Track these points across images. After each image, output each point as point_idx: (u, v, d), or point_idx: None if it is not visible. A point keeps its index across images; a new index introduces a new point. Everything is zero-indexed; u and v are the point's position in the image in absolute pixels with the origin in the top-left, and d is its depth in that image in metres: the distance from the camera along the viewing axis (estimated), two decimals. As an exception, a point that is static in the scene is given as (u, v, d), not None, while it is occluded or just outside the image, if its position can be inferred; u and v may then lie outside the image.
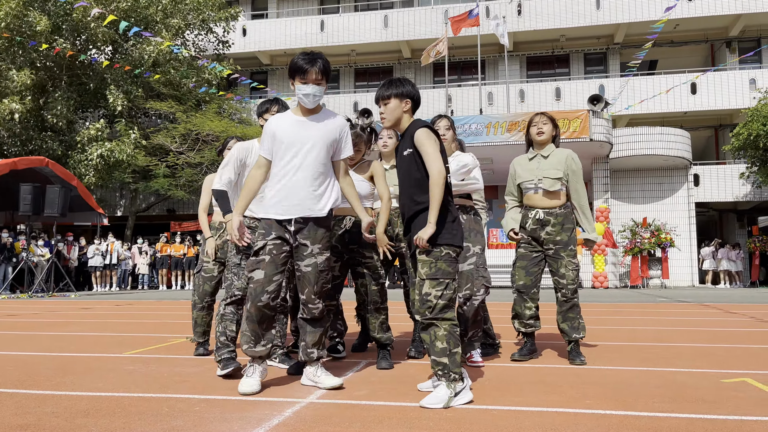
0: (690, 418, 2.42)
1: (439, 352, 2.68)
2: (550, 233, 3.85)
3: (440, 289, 2.73)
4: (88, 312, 8.66)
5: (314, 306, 3.08)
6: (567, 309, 3.84)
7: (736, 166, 22.47)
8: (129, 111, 22.07)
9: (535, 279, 3.94)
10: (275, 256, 3.01)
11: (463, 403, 2.63)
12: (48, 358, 4.15)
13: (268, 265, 2.99)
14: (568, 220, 3.87)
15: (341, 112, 25.48)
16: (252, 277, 2.99)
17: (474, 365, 3.65)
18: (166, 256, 19.45)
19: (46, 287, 14.70)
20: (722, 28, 25.15)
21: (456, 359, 2.68)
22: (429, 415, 2.48)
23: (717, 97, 23.53)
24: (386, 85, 2.98)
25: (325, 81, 3.10)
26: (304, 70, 3.04)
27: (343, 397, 2.84)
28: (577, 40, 26.14)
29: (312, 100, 3.07)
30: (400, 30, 26.00)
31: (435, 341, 2.69)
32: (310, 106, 3.09)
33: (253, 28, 27.24)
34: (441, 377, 2.67)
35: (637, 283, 17.62)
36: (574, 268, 3.83)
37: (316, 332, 3.12)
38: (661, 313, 7.90)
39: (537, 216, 3.89)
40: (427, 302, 2.72)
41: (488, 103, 24.77)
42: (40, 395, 2.93)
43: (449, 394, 2.61)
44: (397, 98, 2.95)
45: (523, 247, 3.98)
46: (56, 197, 14.04)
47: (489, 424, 2.33)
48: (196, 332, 4.32)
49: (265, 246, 3.03)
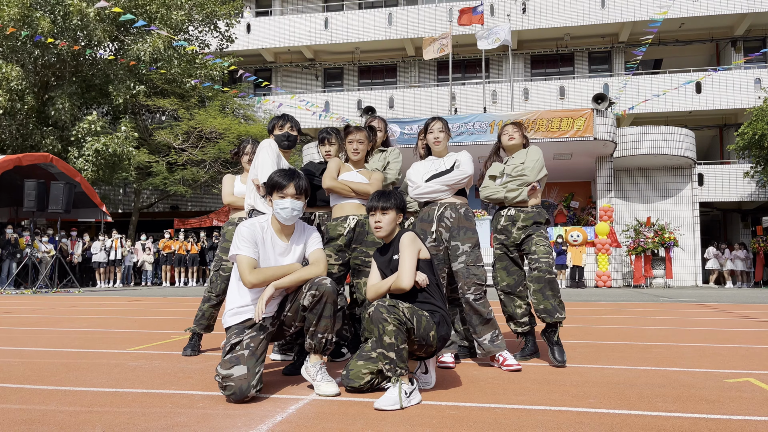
0: (693, 417, 2.42)
1: (387, 346, 2.69)
2: (521, 228, 3.90)
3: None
4: (92, 308, 8.69)
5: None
6: (544, 285, 3.69)
7: (741, 165, 22.40)
8: (131, 108, 22.10)
9: (519, 277, 3.95)
10: (254, 349, 2.89)
11: (414, 404, 2.63)
12: (53, 354, 4.16)
13: (248, 359, 2.83)
14: (540, 216, 3.93)
15: (345, 109, 25.49)
16: (231, 375, 2.75)
17: (444, 366, 3.60)
18: (170, 253, 19.50)
19: (50, 283, 14.75)
20: (727, 27, 25.07)
21: (403, 355, 2.71)
22: (431, 413, 2.48)
23: (722, 97, 23.45)
24: (385, 197, 3.09)
25: (304, 198, 3.10)
26: (281, 186, 3.04)
27: (346, 395, 2.85)
28: (582, 38, 26.07)
29: (289, 215, 3.03)
30: (405, 28, 25.97)
31: (383, 336, 2.70)
32: (288, 222, 3.06)
33: (257, 25, 27.25)
34: (388, 371, 2.69)
35: (641, 283, 17.59)
36: (547, 245, 3.80)
37: (328, 318, 2.96)
38: (663, 312, 7.89)
39: (509, 212, 3.97)
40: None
41: (492, 101, 24.74)
42: (45, 390, 2.94)
43: (400, 394, 2.61)
44: (395, 210, 3.09)
45: (498, 248, 4.01)
46: (60, 193, 14.09)
47: (491, 422, 2.34)
48: (200, 324, 4.31)
49: (241, 341, 2.92)
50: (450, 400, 2.72)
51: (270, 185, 3.10)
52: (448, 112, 24.04)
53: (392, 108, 25.51)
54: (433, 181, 3.80)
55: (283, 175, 3.09)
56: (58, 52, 19.11)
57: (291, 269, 3.05)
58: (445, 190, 3.80)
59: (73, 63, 20.24)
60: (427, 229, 3.82)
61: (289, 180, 3.07)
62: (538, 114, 17.50)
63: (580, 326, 6.02)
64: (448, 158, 3.89)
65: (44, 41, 18.05)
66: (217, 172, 22.82)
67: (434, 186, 3.79)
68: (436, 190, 3.80)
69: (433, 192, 3.82)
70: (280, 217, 3.06)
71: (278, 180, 3.07)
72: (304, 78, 28.42)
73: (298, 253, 3.16)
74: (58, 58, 19.53)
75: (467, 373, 3.41)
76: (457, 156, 3.89)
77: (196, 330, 4.32)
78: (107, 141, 18.53)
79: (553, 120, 17.34)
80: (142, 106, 22.34)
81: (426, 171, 3.89)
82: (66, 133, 19.98)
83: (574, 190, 22.26)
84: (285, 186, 3.05)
